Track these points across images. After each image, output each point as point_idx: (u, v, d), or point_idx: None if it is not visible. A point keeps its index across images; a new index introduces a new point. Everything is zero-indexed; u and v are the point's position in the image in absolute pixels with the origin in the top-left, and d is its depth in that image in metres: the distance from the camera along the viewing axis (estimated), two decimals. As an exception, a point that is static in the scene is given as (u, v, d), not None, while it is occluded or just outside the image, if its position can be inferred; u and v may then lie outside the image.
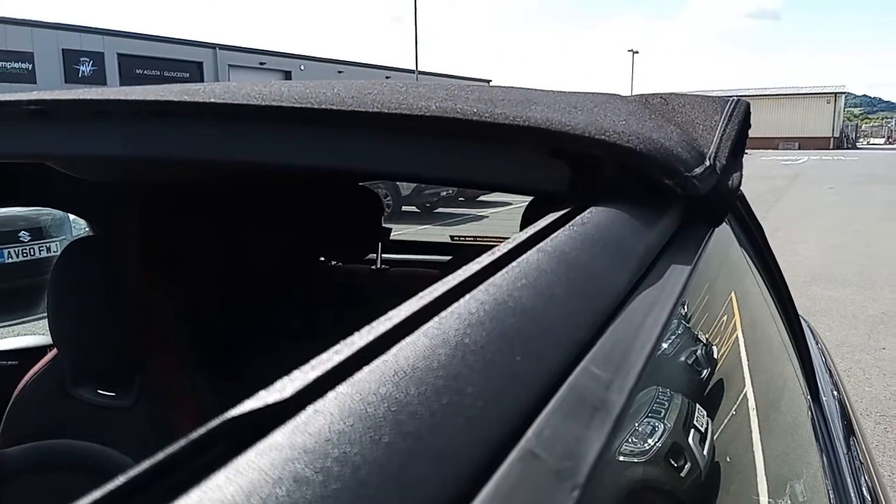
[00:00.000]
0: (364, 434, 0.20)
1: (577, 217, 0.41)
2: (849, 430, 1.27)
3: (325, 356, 0.23)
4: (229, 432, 0.19)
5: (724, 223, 0.74)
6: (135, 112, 0.60)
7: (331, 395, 0.21)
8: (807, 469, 1.08)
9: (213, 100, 0.56)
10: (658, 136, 0.52)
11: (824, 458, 1.05)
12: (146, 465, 0.18)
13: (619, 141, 0.49)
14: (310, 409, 0.21)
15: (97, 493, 0.17)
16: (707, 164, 0.54)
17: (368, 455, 0.19)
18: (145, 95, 0.60)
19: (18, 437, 1.17)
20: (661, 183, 0.50)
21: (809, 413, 1.13)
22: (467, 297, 0.28)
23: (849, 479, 1.04)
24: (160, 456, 0.18)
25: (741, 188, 0.63)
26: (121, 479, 0.17)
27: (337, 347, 0.24)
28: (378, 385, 0.22)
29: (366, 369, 0.23)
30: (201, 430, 0.19)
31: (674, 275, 0.41)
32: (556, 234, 0.37)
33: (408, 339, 0.25)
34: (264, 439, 0.19)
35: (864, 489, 1.07)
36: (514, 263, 0.32)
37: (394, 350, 0.24)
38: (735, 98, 0.69)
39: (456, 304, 0.28)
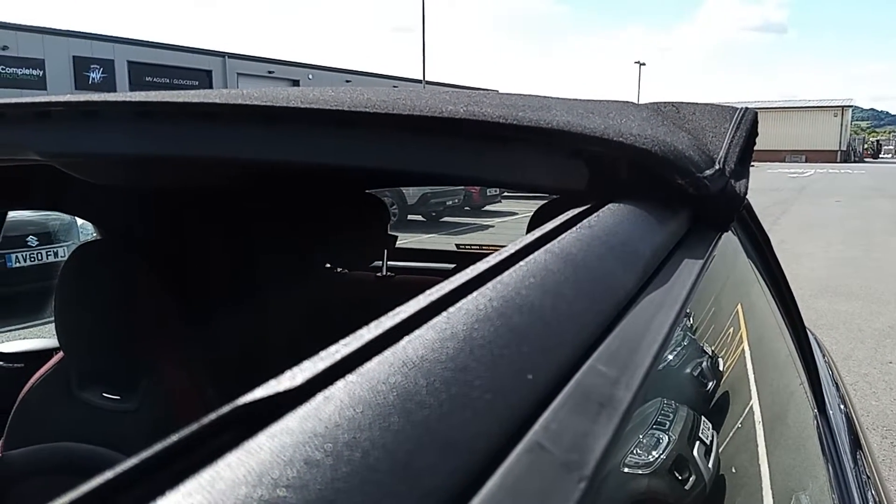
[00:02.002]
0: (374, 421, 0.20)
1: (585, 220, 0.41)
2: (855, 444, 1.26)
3: (333, 348, 0.23)
4: (240, 417, 0.20)
5: (732, 233, 0.74)
6: (179, 114, 0.62)
7: (340, 383, 0.22)
8: (813, 482, 1.07)
9: (255, 103, 0.58)
10: (671, 139, 0.54)
11: (831, 472, 1.04)
12: (159, 446, 0.18)
13: (635, 143, 0.51)
14: (320, 396, 0.21)
15: (109, 474, 0.17)
16: (717, 167, 0.56)
17: (378, 441, 0.19)
18: (190, 99, 0.62)
19: (24, 440, 1.17)
20: (674, 183, 0.52)
21: (816, 426, 1.12)
22: (475, 293, 0.29)
23: (855, 494, 1.03)
24: (173, 438, 0.18)
25: (748, 198, 0.64)
26: (134, 460, 0.18)
27: (345, 340, 0.24)
28: (387, 375, 0.22)
29: (375, 360, 0.23)
30: (212, 416, 0.19)
31: (681, 277, 0.41)
32: (563, 235, 0.38)
33: (416, 333, 0.25)
34: (275, 423, 0.20)
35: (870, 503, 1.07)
36: (521, 263, 0.33)
37: (402, 342, 0.24)
38: (743, 107, 0.70)
39: (464, 301, 0.28)
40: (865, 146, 62.62)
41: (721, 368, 0.86)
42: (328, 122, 0.57)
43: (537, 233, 0.37)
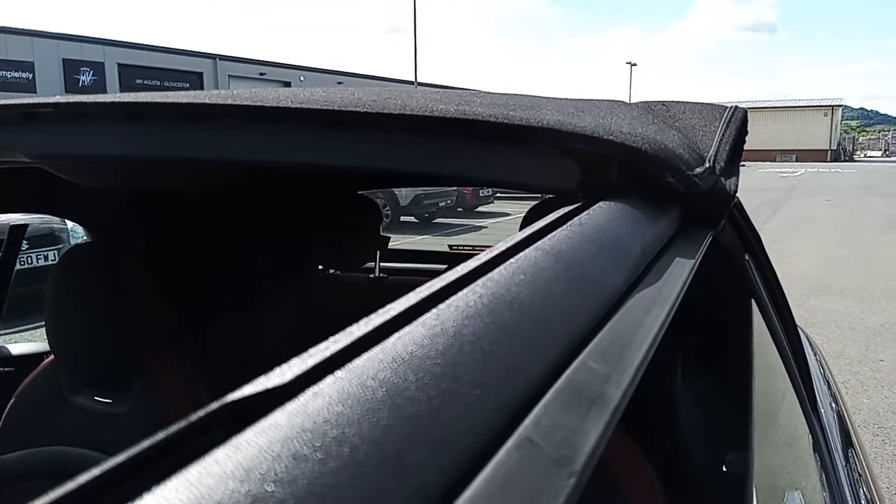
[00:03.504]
0: (362, 416, 0.20)
1: (576, 217, 0.41)
2: (847, 442, 1.27)
3: (322, 345, 0.23)
4: (228, 414, 0.20)
5: (723, 232, 0.74)
6: (170, 115, 0.62)
7: (329, 379, 0.21)
8: (805, 481, 1.08)
9: (244, 103, 0.58)
10: (661, 137, 0.55)
11: (822, 470, 1.05)
12: (146, 443, 0.18)
13: (626, 141, 0.52)
14: (308, 392, 0.21)
15: (96, 471, 0.17)
16: (707, 164, 0.56)
17: (367, 436, 0.19)
18: (180, 99, 0.62)
19: (15, 444, 1.16)
20: (665, 181, 0.52)
21: (808, 425, 1.12)
22: (465, 290, 0.29)
23: (847, 491, 1.04)
24: (160, 436, 0.18)
25: (738, 197, 0.64)
26: (120, 458, 0.18)
27: (335, 337, 0.24)
28: (376, 371, 0.22)
29: (364, 356, 0.23)
30: (200, 413, 0.19)
31: (672, 275, 0.41)
32: (553, 233, 0.38)
33: (406, 329, 0.25)
34: (263, 419, 0.19)
35: (862, 501, 1.07)
36: (511, 260, 0.33)
37: (392, 339, 0.24)
38: (733, 106, 0.70)
39: (454, 297, 0.28)
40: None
41: (713, 367, 0.86)
42: (319, 121, 0.57)
43: (527, 231, 0.37)
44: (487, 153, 0.55)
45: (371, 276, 1.95)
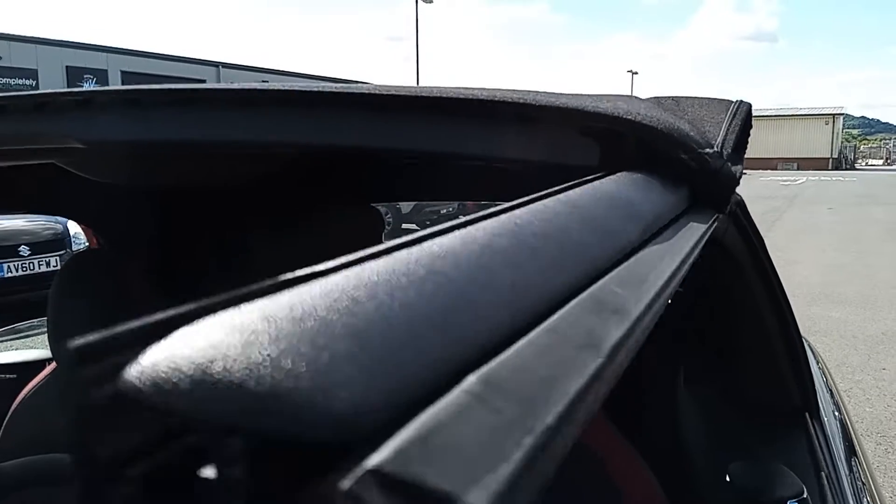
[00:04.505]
0: (409, 285, 0.23)
1: (591, 183, 0.44)
2: (850, 451, 1.27)
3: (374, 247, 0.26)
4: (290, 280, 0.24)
5: (727, 234, 0.75)
6: (220, 100, 0.65)
7: (382, 260, 0.24)
8: (808, 489, 1.07)
9: (293, 88, 0.62)
10: (673, 120, 0.59)
11: (826, 479, 1.04)
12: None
13: (642, 120, 0.56)
14: (365, 265, 0.24)
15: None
16: (716, 148, 0.60)
17: (414, 298, 0.22)
18: (228, 86, 0.66)
19: (16, 451, 1.16)
20: (677, 157, 0.56)
21: (810, 433, 1.12)
22: (492, 219, 0.31)
23: (851, 500, 1.04)
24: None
25: (745, 203, 0.65)
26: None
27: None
28: (417, 258, 0.25)
29: (405, 251, 0.25)
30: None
31: (683, 239, 0.45)
32: (571, 191, 0.40)
33: (440, 239, 0.27)
34: (325, 278, 0.23)
35: (866, 510, 1.07)
36: (531, 206, 0.35)
37: (428, 242, 0.27)
38: (738, 100, 0.73)
39: (483, 222, 0.30)
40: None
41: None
42: (365, 106, 0.60)
43: (544, 191, 0.39)
44: (512, 133, 0.58)
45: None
